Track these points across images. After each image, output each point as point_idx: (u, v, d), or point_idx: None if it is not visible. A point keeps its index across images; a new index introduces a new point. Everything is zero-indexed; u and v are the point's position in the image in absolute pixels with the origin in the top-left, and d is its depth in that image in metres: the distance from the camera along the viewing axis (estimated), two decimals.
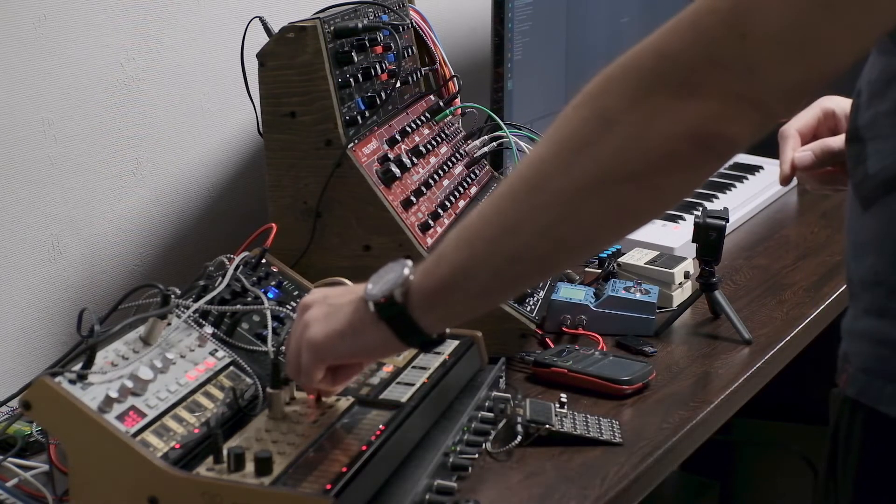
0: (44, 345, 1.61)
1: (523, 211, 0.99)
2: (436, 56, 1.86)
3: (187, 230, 1.83)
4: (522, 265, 1.03)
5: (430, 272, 1.07)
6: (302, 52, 1.52)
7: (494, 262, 1.03)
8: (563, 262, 1.20)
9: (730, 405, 1.52)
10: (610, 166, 0.95)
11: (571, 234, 1.00)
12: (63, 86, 1.59)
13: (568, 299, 1.67)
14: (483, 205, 1.04)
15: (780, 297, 1.83)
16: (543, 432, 1.34)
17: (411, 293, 1.08)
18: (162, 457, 1.11)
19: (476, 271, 1.03)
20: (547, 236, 0.99)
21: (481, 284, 1.04)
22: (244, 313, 1.34)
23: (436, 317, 1.09)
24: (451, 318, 1.11)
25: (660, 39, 0.94)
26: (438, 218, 1.59)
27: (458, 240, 1.05)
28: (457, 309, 1.09)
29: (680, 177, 0.96)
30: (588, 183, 0.96)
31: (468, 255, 1.03)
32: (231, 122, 1.87)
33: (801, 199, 2.38)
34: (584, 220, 0.98)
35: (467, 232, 1.04)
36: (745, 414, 1.65)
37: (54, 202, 1.61)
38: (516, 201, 1.00)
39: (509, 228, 1.00)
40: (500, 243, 1.01)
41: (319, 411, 1.23)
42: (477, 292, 1.06)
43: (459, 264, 1.04)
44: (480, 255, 1.03)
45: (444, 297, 1.07)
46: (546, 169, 0.98)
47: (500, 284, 1.06)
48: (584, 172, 0.95)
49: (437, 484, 1.20)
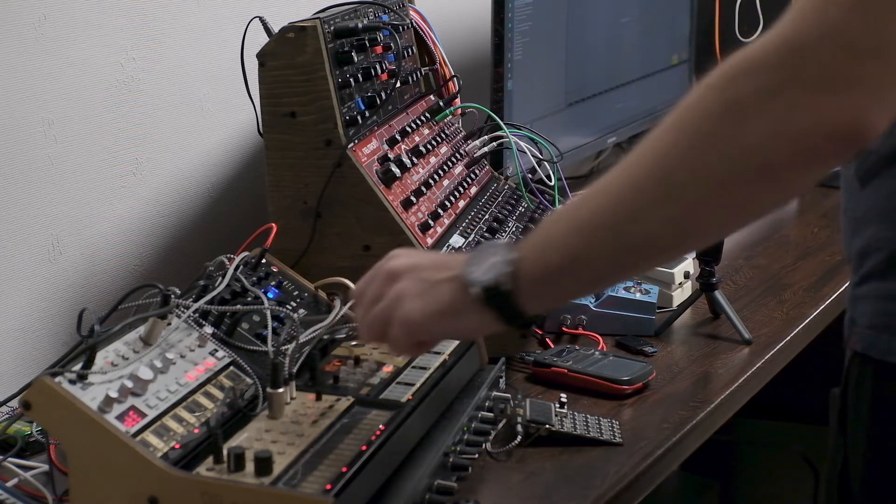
0: (44, 345, 1.61)
1: (647, 201, 0.97)
2: (436, 56, 1.86)
3: (187, 230, 1.83)
4: (642, 254, 1.01)
5: (539, 259, 1.05)
6: (302, 52, 1.52)
7: (612, 251, 1.01)
8: (684, 251, 1.19)
9: (730, 405, 1.52)
10: (742, 163, 0.93)
11: (697, 226, 0.99)
12: (63, 86, 1.59)
13: None
14: (595, 192, 1.01)
15: (780, 297, 1.83)
16: (543, 432, 1.34)
17: (519, 280, 1.05)
18: (162, 457, 1.11)
19: (592, 259, 1.02)
20: (671, 227, 0.98)
21: (596, 272, 1.04)
22: (244, 313, 1.34)
23: (540, 301, 1.08)
24: (556, 301, 1.13)
25: (788, 32, 0.91)
26: (438, 218, 1.59)
27: (570, 227, 1.03)
28: (563, 294, 1.09)
29: (814, 171, 0.95)
30: (718, 179, 0.94)
31: (584, 243, 1.02)
32: (231, 122, 1.87)
33: (801, 199, 2.38)
34: (711, 213, 0.97)
35: (579, 219, 1.02)
36: (745, 414, 1.66)
37: (54, 202, 1.61)
38: (640, 191, 0.98)
39: (631, 218, 0.98)
40: (621, 232, 0.99)
41: (319, 411, 1.23)
42: (589, 279, 1.06)
43: (573, 252, 1.02)
44: (598, 244, 1.01)
45: (553, 284, 1.05)
46: (671, 163, 0.96)
47: (614, 272, 1.05)
48: (714, 168, 0.94)
49: (437, 484, 1.20)
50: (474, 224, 1.67)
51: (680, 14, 2.63)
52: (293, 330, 1.33)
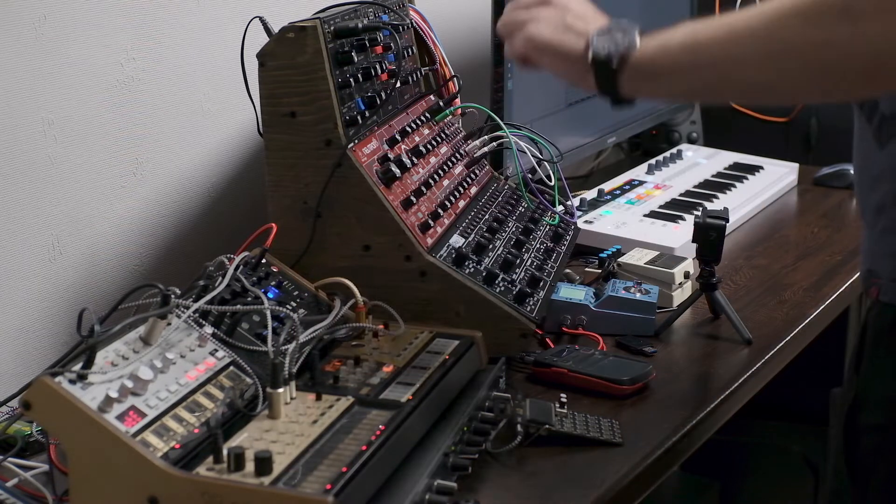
0: (44, 345, 1.61)
1: (754, 55, 1.14)
2: (436, 56, 1.86)
3: (187, 230, 1.83)
4: (728, 88, 1.23)
5: (650, 57, 1.23)
6: (302, 52, 1.52)
7: (708, 78, 1.20)
8: (758, 101, 1.42)
9: (730, 405, 1.52)
10: (848, 58, 1.07)
11: (782, 88, 1.17)
12: (63, 86, 1.59)
13: (568, 299, 1.67)
14: (718, 25, 1.17)
15: (780, 297, 1.83)
16: (543, 432, 1.34)
17: (627, 65, 1.23)
18: (162, 457, 1.11)
19: (691, 76, 1.21)
20: (762, 82, 1.15)
21: (688, 87, 1.24)
22: (244, 313, 1.34)
23: (635, 88, 1.26)
24: (647, 94, 1.29)
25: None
26: (438, 218, 1.59)
27: (686, 44, 1.20)
28: (656, 92, 1.32)
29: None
30: (819, 64, 1.10)
31: (690, 62, 1.20)
32: (231, 122, 1.87)
33: (801, 199, 2.38)
34: (800, 85, 1.14)
35: (696, 42, 1.19)
36: (745, 414, 1.65)
37: (54, 202, 1.61)
38: (751, 45, 1.14)
39: (734, 61, 1.16)
40: (722, 67, 1.17)
41: (319, 411, 1.23)
42: (680, 90, 1.29)
43: (679, 64, 1.21)
44: (700, 68, 1.19)
45: (651, 80, 1.24)
46: (785, 34, 1.11)
47: (702, 93, 1.31)
48: (818, 55, 1.09)
49: (437, 484, 1.20)
50: (474, 224, 1.67)
51: (680, 14, 2.63)
52: (293, 330, 1.33)
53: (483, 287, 1.51)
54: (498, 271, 1.55)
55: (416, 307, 1.50)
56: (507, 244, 1.67)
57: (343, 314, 1.42)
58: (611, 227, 2.01)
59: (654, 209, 2.13)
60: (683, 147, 2.55)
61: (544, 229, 1.78)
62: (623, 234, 1.98)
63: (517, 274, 1.59)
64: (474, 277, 1.52)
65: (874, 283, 1.30)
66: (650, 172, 2.35)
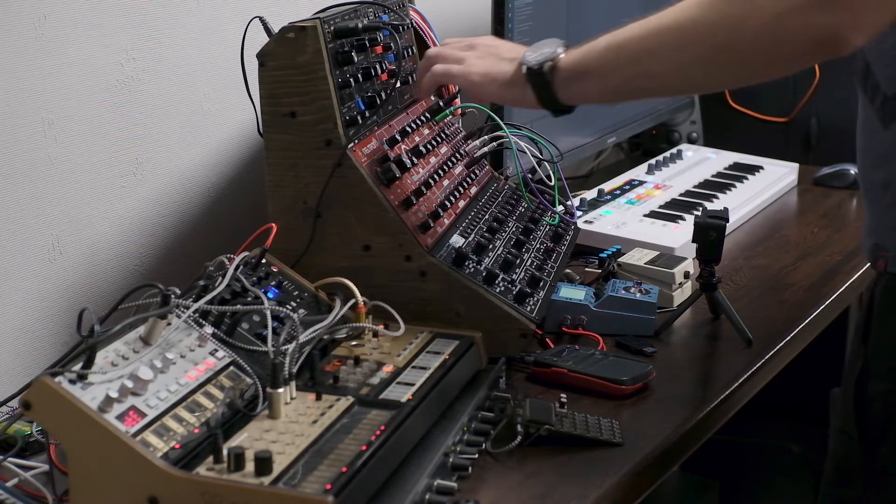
0: (44, 345, 1.61)
1: (667, 45, 1.28)
2: None
3: (187, 230, 1.83)
4: (650, 81, 1.33)
5: (578, 60, 1.37)
6: (302, 52, 1.52)
7: (631, 72, 1.33)
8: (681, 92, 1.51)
9: (730, 405, 1.52)
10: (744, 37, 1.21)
11: (697, 74, 1.29)
12: (63, 86, 1.59)
13: (568, 299, 1.67)
14: (637, 25, 1.31)
15: (780, 297, 1.83)
16: (543, 432, 1.34)
17: (557, 69, 1.37)
18: (162, 457, 1.11)
19: (614, 72, 1.34)
20: (677, 69, 1.29)
21: (613, 83, 1.36)
22: (244, 313, 1.34)
23: (569, 91, 1.38)
24: (580, 95, 1.39)
25: None
26: (438, 218, 1.59)
27: (609, 45, 1.34)
28: (588, 92, 1.38)
29: (796, 60, 1.24)
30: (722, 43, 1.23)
31: (613, 58, 1.33)
32: (231, 122, 1.87)
33: (801, 199, 2.38)
34: (710, 68, 1.27)
35: (617, 41, 1.33)
36: (745, 414, 1.65)
37: (54, 202, 1.61)
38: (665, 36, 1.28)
39: (651, 53, 1.29)
40: (641, 60, 1.31)
41: (319, 411, 1.23)
42: (606, 87, 1.37)
43: (604, 62, 1.34)
44: (623, 62, 1.33)
45: (581, 80, 1.37)
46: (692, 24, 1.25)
47: (627, 89, 1.37)
48: (721, 34, 1.22)
49: (437, 484, 1.20)
50: (474, 224, 1.67)
51: None
52: (293, 330, 1.33)
53: (483, 287, 1.51)
54: (498, 271, 1.55)
55: (416, 307, 1.50)
56: (507, 244, 1.67)
57: (343, 314, 1.42)
58: (611, 227, 2.01)
59: (654, 209, 2.13)
60: (683, 147, 2.55)
61: (544, 229, 1.78)
62: (623, 234, 1.98)
63: (517, 274, 1.59)
64: (474, 277, 1.52)
65: (881, 255, 1.35)
66: (650, 172, 2.35)
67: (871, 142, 1.36)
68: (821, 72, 2.67)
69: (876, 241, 1.37)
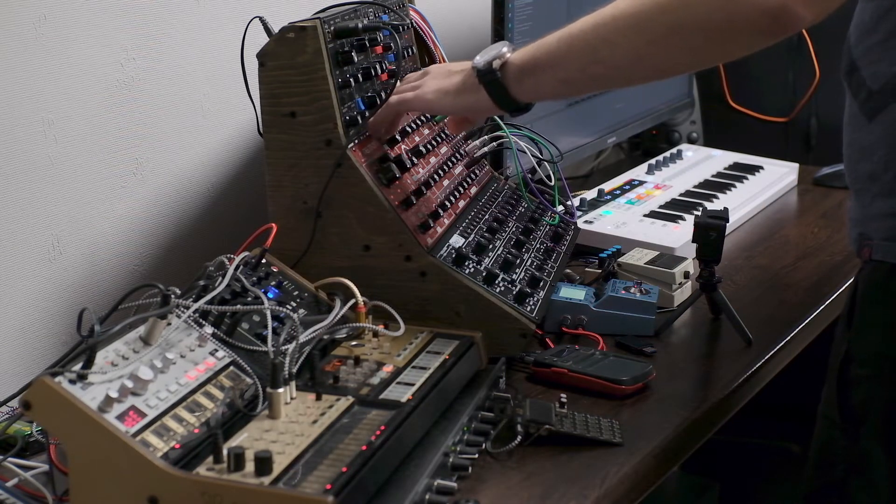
0: (44, 345, 1.61)
1: (619, 31, 1.31)
2: (436, 56, 1.86)
3: (187, 230, 1.83)
4: (605, 68, 1.35)
5: (528, 53, 1.40)
6: (302, 52, 1.52)
7: (584, 61, 1.35)
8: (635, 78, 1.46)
9: (730, 405, 1.52)
10: (693, 17, 1.25)
11: (650, 58, 1.32)
12: (63, 86, 1.59)
13: (568, 299, 1.67)
14: (587, 17, 1.34)
15: (780, 297, 1.83)
16: (543, 432, 1.34)
17: (507, 66, 1.40)
18: (162, 457, 1.11)
19: (567, 62, 1.36)
20: (632, 54, 1.31)
21: (567, 73, 1.38)
22: (244, 313, 1.34)
23: (523, 86, 1.41)
24: (534, 89, 1.41)
25: None
26: (438, 218, 1.59)
27: (561, 37, 1.36)
28: (542, 86, 1.40)
29: (744, 39, 1.27)
30: (674, 24, 1.26)
31: (565, 49, 1.36)
32: (231, 122, 1.87)
33: (801, 199, 2.38)
34: (663, 51, 1.30)
35: (568, 33, 1.36)
36: (745, 414, 1.65)
37: (54, 202, 1.61)
38: (616, 22, 1.31)
39: (604, 39, 1.32)
40: (594, 48, 1.33)
41: (319, 411, 1.23)
42: (561, 78, 1.39)
43: (555, 53, 1.37)
44: (575, 52, 1.35)
45: (534, 74, 1.39)
46: (643, 8, 1.28)
47: (581, 79, 1.38)
48: (672, 16, 1.26)
49: (437, 484, 1.20)
50: (474, 224, 1.67)
51: None
52: (293, 330, 1.33)
53: (483, 287, 1.51)
54: (498, 271, 1.55)
55: (416, 307, 1.51)
56: (507, 244, 1.67)
57: (343, 314, 1.42)
58: (611, 227, 2.01)
59: (654, 209, 2.13)
60: (683, 147, 2.55)
61: (544, 229, 1.78)
62: (623, 234, 1.98)
63: (517, 274, 1.59)
64: (474, 277, 1.52)
65: (866, 244, 1.38)
66: (650, 172, 2.35)
67: (857, 135, 1.39)
68: (821, 72, 2.67)
69: (861, 230, 1.40)
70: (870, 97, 1.35)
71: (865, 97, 1.36)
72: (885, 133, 1.34)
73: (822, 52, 2.66)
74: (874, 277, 1.37)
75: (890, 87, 1.33)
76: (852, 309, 1.40)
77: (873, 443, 1.36)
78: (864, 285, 1.39)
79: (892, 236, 1.36)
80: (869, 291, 1.38)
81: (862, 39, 1.36)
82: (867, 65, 1.35)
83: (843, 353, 1.40)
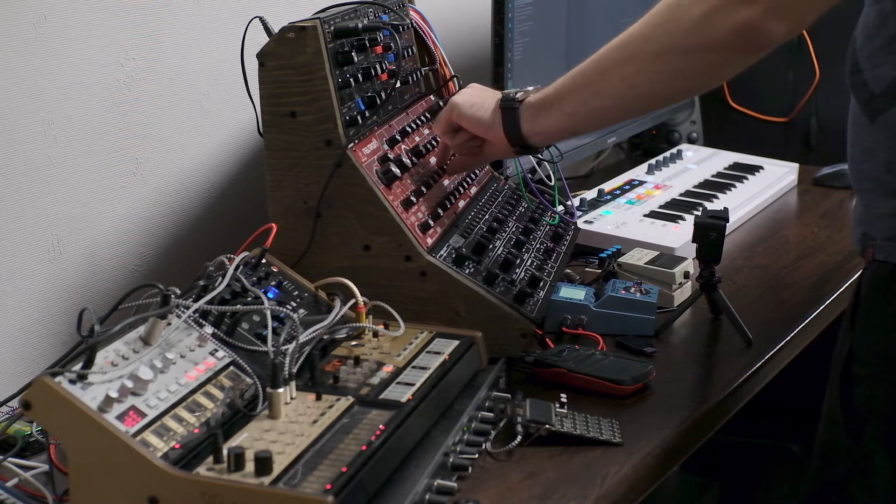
0: (44, 345, 1.61)
1: (613, 62, 1.39)
2: (436, 56, 1.86)
3: (187, 230, 1.83)
4: (602, 101, 1.42)
5: (544, 93, 1.49)
6: (302, 52, 1.52)
7: (586, 92, 1.43)
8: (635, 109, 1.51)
9: (730, 405, 1.52)
10: (677, 41, 1.31)
11: (644, 84, 1.37)
12: (63, 86, 1.59)
13: (568, 299, 1.67)
14: (594, 54, 1.41)
15: (780, 297, 1.83)
16: (543, 432, 1.34)
17: (527, 101, 1.51)
18: (162, 457, 1.11)
19: (572, 95, 1.44)
20: (627, 83, 1.38)
21: (572, 106, 1.45)
22: (244, 313, 1.34)
23: (534, 126, 1.50)
24: (544, 127, 1.49)
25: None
26: (438, 218, 1.59)
27: (569, 75, 1.45)
28: (551, 122, 1.48)
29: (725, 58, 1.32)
30: (659, 49, 1.33)
31: (570, 82, 1.45)
32: (231, 122, 1.87)
33: (801, 199, 2.38)
34: (653, 76, 1.36)
35: (576, 70, 1.44)
36: (745, 414, 1.65)
37: (54, 202, 1.61)
38: (610, 55, 1.39)
39: (602, 71, 1.40)
40: (593, 81, 1.42)
41: (319, 411, 1.23)
42: (567, 112, 1.46)
43: (563, 90, 1.46)
44: (578, 87, 1.43)
45: (544, 110, 1.48)
46: (631, 39, 1.37)
47: (582, 111, 1.45)
48: (657, 43, 1.34)
49: (437, 484, 1.20)
50: (474, 224, 1.67)
51: None
52: (293, 330, 1.33)
53: (483, 287, 1.51)
54: (498, 271, 1.55)
55: (416, 307, 1.50)
56: (507, 244, 1.67)
57: (343, 314, 1.42)
58: (611, 227, 2.01)
59: (654, 209, 2.13)
60: (683, 147, 2.55)
61: (544, 229, 1.78)
62: (623, 234, 1.98)
63: (517, 274, 1.59)
64: (474, 277, 1.52)
65: (870, 244, 1.39)
66: (650, 172, 2.35)
67: (859, 136, 1.40)
68: (821, 72, 2.67)
69: (865, 230, 1.41)
70: (871, 99, 1.36)
71: (867, 99, 1.37)
72: (887, 136, 1.35)
73: (822, 52, 2.66)
74: (877, 277, 1.38)
75: (891, 90, 1.34)
76: (855, 308, 1.41)
77: (876, 444, 1.36)
78: (867, 285, 1.40)
79: (895, 236, 1.36)
80: (872, 291, 1.39)
81: (866, 42, 1.37)
82: (870, 67, 1.36)
83: (846, 353, 1.40)
